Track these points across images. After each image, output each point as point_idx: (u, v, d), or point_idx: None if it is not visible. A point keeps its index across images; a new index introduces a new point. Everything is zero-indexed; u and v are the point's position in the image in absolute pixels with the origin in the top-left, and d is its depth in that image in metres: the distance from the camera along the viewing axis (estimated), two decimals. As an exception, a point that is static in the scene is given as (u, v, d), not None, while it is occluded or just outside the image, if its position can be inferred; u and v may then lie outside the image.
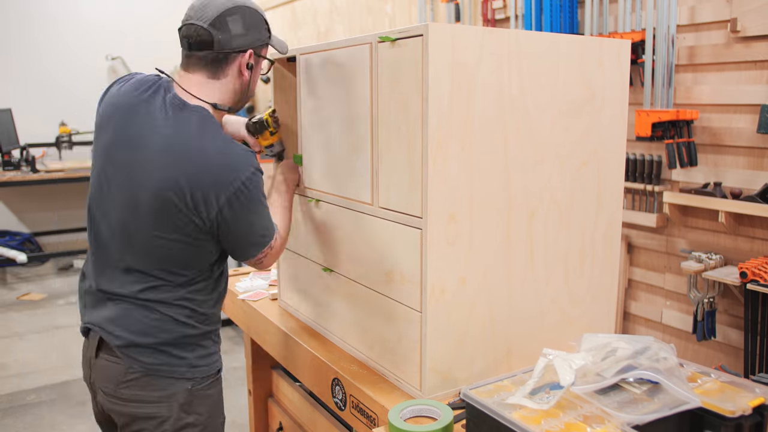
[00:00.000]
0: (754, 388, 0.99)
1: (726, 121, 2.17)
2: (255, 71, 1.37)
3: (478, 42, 1.14)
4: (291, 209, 1.53)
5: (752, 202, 2.04)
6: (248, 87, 1.36)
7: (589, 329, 1.39)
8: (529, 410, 0.94)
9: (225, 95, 1.33)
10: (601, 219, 1.38)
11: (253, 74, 1.36)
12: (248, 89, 1.37)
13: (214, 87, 1.31)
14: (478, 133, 1.17)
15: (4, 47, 5.32)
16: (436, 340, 1.19)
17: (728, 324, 2.24)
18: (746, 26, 2.05)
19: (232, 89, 1.33)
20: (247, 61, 1.32)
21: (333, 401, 1.38)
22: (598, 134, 1.34)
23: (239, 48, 1.29)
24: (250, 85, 1.37)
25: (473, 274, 1.21)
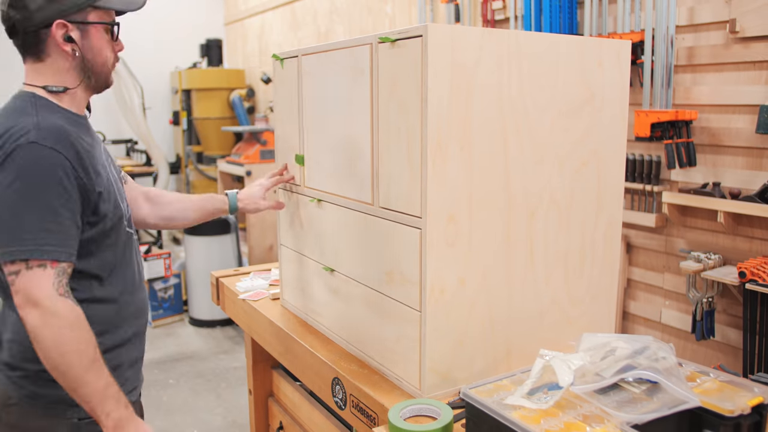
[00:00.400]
0: (753, 387, 0.99)
1: (725, 122, 2.18)
2: (88, 40, 1.21)
3: (477, 42, 1.14)
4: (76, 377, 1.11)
5: (751, 202, 2.04)
6: (86, 60, 1.21)
7: (589, 329, 1.39)
8: (529, 410, 0.95)
9: (56, 76, 1.21)
10: (601, 219, 1.38)
11: (86, 44, 1.21)
12: (88, 62, 1.22)
13: (40, 70, 1.22)
14: (477, 133, 1.17)
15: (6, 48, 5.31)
16: (435, 340, 1.19)
17: (727, 323, 2.24)
18: (745, 27, 2.05)
19: (64, 68, 1.21)
20: (62, 33, 1.18)
21: (333, 400, 1.39)
22: (598, 134, 1.34)
23: (44, 22, 1.16)
24: (87, 58, 1.21)
25: (473, 275, 1.21)
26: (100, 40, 1.23)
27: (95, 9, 1.21)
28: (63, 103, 1.23)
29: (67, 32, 1.18)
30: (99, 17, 1.22)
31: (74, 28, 1.19)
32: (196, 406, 3.24)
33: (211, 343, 4.07)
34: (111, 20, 1.26)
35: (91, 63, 1.23)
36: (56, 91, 1.21)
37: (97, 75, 1.25)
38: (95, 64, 1.24)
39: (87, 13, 1.20)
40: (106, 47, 1.25)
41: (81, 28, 1.20)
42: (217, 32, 6.22)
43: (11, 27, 1.20)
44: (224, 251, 4.34)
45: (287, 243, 1.72)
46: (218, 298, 2.05)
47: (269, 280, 2.00)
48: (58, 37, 1.18)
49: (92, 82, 1.26)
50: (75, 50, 1.20)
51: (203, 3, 6.19)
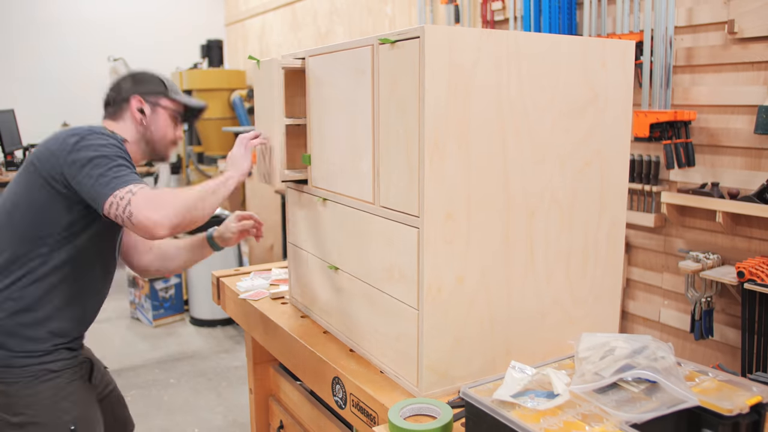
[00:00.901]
0: (752, 386, 0.99)
1: (723, 122, 2.18)
2: (154, 118, 1.61)
3: (475, 43, 1.15)
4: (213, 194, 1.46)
5: (749, 202, 2.05)
6: (149, 131, 1.61)
7: (592, 330, 1.39)
8: (528, 409, 0.95)
9: (122, 131, 1.59)
10: (604, 219, 1.39)
11: (150, 120, 1.60)
12: (151, 133, 1.61)
13: (112, 126, 1.59)
14: (475, 133, 1.18)
15: (7, 48, 5.34)
16: (432, 338, 1.20)
17: (726, 323, 2.25)
18: (743, 28, 2.06)
19: (130, 129, 1.60)
20: (137, 105, 1.59)
21: (333, 400, 1.40)
22: (601, 135, 1.34)
23: (127, 95, 1.59)
24: (151, 129, 1.61)
25: (471, 273, 1.22)
26: (164, 119, 1.63)
27: (166, 99, 1.64)
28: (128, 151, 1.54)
29: (140, 106, 1.60)
30: (167, 105, 1.64)
31: (147, 105, 1.61)
32: (197, 406, 3.25)
33: (211, 343, 4.08)
34: (177, 110, 1.66)
35: (153, 134, 1.62)
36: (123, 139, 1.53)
37: (155, 145, 1.64)
38: (156, 135, 1.63)
39: (159, 98, 1.63)
40: (169, 127, 1.65)
41: (152, 107, 1.62)
42: (218, 33, 6.23)
43: (107, 102, 1.63)
44: (225, 251, 4.32)
45: (295, 241, 1.73)
46: (219, 298, 2.06)
47: (269, 279, 2.00)
48: (133, 106, 1.60)
49: (149, 150, 1.64)
50: (142, 120, 1.60)
51: (204, 4, 6.20)
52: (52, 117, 5.32)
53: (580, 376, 1.02)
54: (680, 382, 0.98)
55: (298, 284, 1.74)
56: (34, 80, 5.37)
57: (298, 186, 1.68)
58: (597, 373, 1.01)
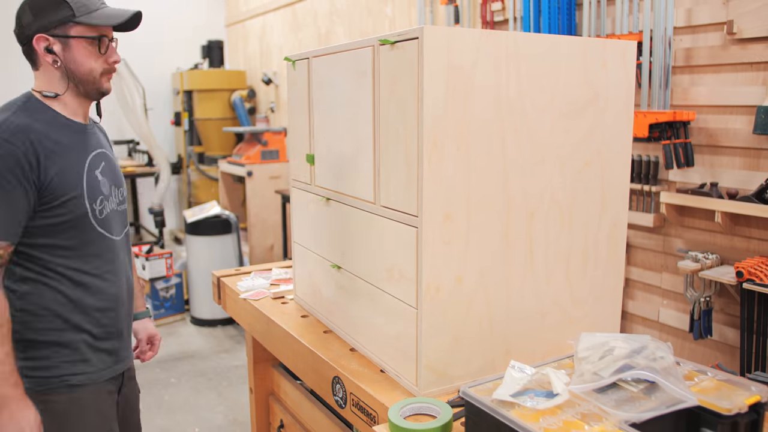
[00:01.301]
0: (751, 386, 1.00)
1: (722, 122, 2.19)
2: (69, 52, 1.36)
3: (474, 44, 1.16)
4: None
5: (748, 203, 2.05)
6: (69, 70, 1.36)
7: (592, 330, 1.39)
8: (528, 408, 0.96)
9: (49, 83, 1.39)
10: (605, 220, 1.39)
11: (68, 56, 1.35)
12: (72, 72, 1.37)
13: (38, 77, 1.41)
14: (474, 134, 1.19)
15: (8, 49, 5.34)
16: (431, 338, 1.21)
17: (724, 323, 2.26)
18: (742, 28, 2.06)
19: (53, 77, 1.38)
20: (43, 46, 1.35)
21: (333, 399, 1.40)
22: (601, 135, 1.34)
23: (30, 36, 1.35)
24: (71, 68, 1.36)
25: (470, 273, 1.23)
26: (82, 52, 1.37)
27: (77, 24, 1.35)
28: (56, 107, 1.39)
29: (48, 45, 1.35)
30: (81, 32, 1.36)
31: (56, 41, 1.35)
32: (198, 405, 3.26)
33: (212, 342, 4.08)
34: (95, 34, 1.38)
35: (75, 73, 1.38)
36: (48, 96, 1.39)
37: (84, 84, 1.39)
38: (79, 74, 1.38)
39: (68, 28, 1.35)
40: (90, 59, 1.38)
41: (63, 42, 1.35)
42: (219, 33, 6.23)
43: (17, 40, 1.41)
44: (225, 251, 4.35)
45: (299, 240, 1.74)
46: (219, 298, 2.07)
47: (270, 279, 2.01)
48: (40, 49, 1.36)
49: (81, 91, 1.40)
50: (57, 61, 1.36)
51: (204, 4, 6.20)
52: (53, 117, 5.33)
53: (579, 376, 1.02)
54: (679, 381, 0.98)
55: (303, 283, 1.75)
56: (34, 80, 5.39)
57: (303, 186, 1.68)
58: (596, 373, 1.02)
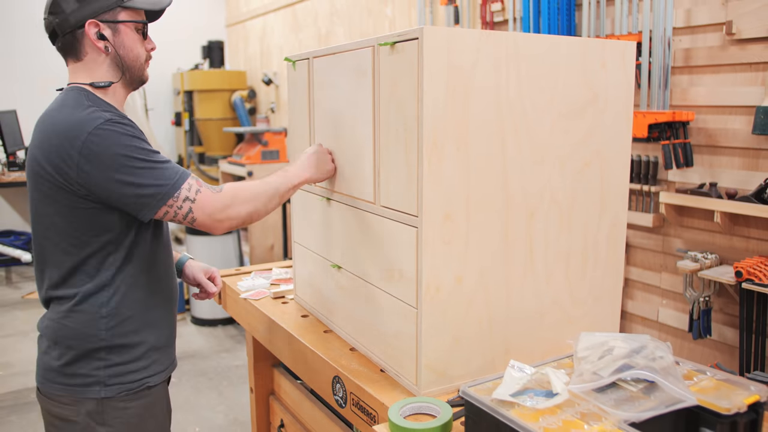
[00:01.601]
0: (750, 385, 1.01)
1: (721, 123, 2.19)
2: (119, 38, 1.30)
3: (474, 45, 1.16)
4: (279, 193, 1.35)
5: (747, 203, 2.06)
6: (119, 56, 1.31)
7: (591, 330, 1.40)
8: (528, 408, 0.96)
9: (96, 73, 1.31)
10: (604, 220, 1.39)
11: (118, 41, 1.30)
12: (122, 58, 1.31)
13: (82, 69, 1.31)
14: (474, 134, 1.19)
15: (9, 49, 5.36)
16: (431, 337, 1.21)
17: (724, 322, 2.26)
18: (741, 29, 2.07)
19: (101, 64, 1.31)
20: (94, 32, 1.28)
21: (334, 399, 1.41)
22: (601, 135, 1.35)
23: (78, 23, 1.27)
24: (120, 54, 1.31)
25: (470, 273, 1.23)
26: (131, 37, 1.32)
27: (124, 9, 1.31)
28: (108, 98, 1.32)
29: (99, 30, 1.28)
30: (129, 16, 1.32)
31: (106, 27, 1.29)
32: (198, 404, 3.26)
33: (212, 342, 4.09)
34: (141, 19, 1.35)
35: (125, 59, 1.32)
36: (102, 86, 1.31)
37: (131, 70, 1.35)
38: (128, 60, 1.33)
39: (117, 13, 1.30)
40: (138, 44, 1.34)
41: (112, 27, 1.30)
42: (219, 34, 6.24)
43: (52, 32, 1.32)
44: (226, 251, 4.36)
45: (300, 240, 1.75)
46: (220, 298, 2.07)
47: (270, 279, 2.02)
48: (92, 35, 1.28)
49: (128, 78, 1.35)
50: (108, 47, 1.30)
51: (205, 5, 6.21)
52: (54, 117, 5.34)
53: (578, 376, 1.03)
54: (678, 381, 0.99)
55: (303, 283, 1.75)
56: (36, 81, 5.39)
57: (303, 185, 1.69)
58: (595, 372, 1.02)
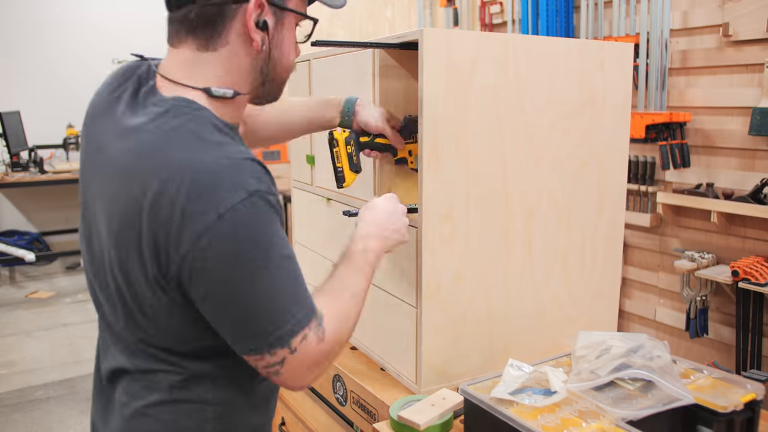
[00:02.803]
0: (746, 384, 1.01)
1: (718, 123, 2.21)
2: (279, 33, 0.86)
3: (473, 46, 1.17)
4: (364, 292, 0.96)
5: (744, 203, 2.07)
6: (269, 60, 0.86)
7: (589, 329, 1.40)
8: (526, 406, 0.97)
9: (227, 74, 0.84)
10: (602, 220, 1.40)
11: (275, 39, 0.86)
12: (270, 63, 0.86)
13: (206, 63, 0.83)
14: (474, 134, 1.20)
15: (13, 51, 5.37)
16: (431, 336, 1.22)
17: (720, 321, 2.28)
18: (738, 31, 2.09)
19: (239, 64, 0.84)
20: (254, 15, 0.82)
21: (334, 397, 1.42)
22: (599, 136, 1.36)
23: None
24: (272, 57, 0.86)
25: (469, 272, 1.24)
26: (291, 35, 0.89)
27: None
28: (224, 115, 0.85)
29: (262, 14, 0.83)
30: (297, 5, 0.88)
31: (270, 12, 0.84)
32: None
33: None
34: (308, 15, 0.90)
35: (276, 64, 0.88)
36: (222, 96, 0.84)
37: (276, 81, 0.90)
38: (279, 68, 0.89)
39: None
40: (293, 48, 0.90)
41: (277, 15, 0.85)
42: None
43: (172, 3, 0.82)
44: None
45: (300, 240, 1.76)
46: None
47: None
48: (250, 19, 0.82)
49: (264, 90, 0.90)
50: (264, 42, 0.84)
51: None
52: (58, 118, 5.38)
53: (576, 374, 1.04)
54: (675, 380, 1.00)
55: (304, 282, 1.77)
56: (39, 82, 5.42)
57: (304, 186, 1.70)
58: (593, 371, 1.03)
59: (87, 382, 3.20)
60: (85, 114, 0.91)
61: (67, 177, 4.80)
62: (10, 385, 3.22)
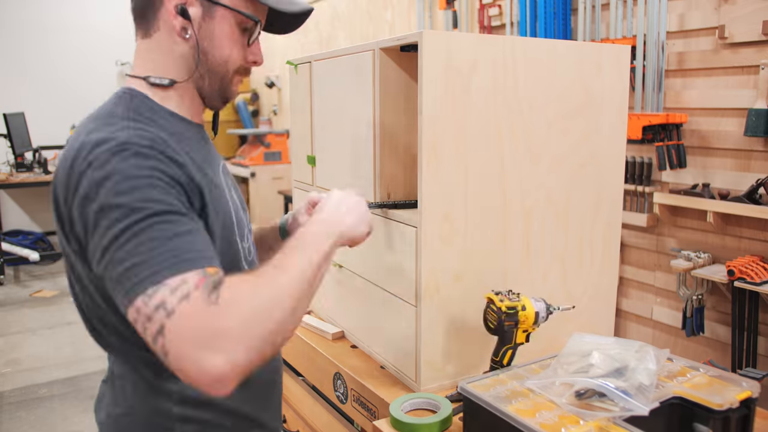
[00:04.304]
0: (741, 382, 1.02)
1: (714, 125, 2.23)
2: (208, 25, 0.88)
3: (472, 48, 1.18)
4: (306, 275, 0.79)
5: (739, 203, 2.09)
6: (200, 48, 0.88)
7: (587, 328, 1.42)
8: (525, 403, 0.97)
9: (163, 63, 0.88)
10: (599, 220, 1.41)
11: (206, 28, 0.88)
12: (204, 52, 0.88)
13: (147, 51, 0.89)
14: (472, 135, 1.21)
15: (18, 53, 5.39)
16: (430, 335, 1.23)
17: (716, 320, 2.30)
18: (733, 33, 2.11)
19: (170, 51, 0.88)
20: (176, 3, 0.85)
21: (335, 395, 1.43)
22: (596, 137, 1.37)
23: None
24: (203, 45, 0.88)
25: (468, 272, 1.25)
26: (226, 32, 0.89)
27: None
28: (168, 103, 0.90)
29: (183, 3, 0.86)
30: (236, 3, 0.89)
31: (197, 2, 0.87)
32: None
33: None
34: (252, 14, 0.90)
35: (206, 56, 0.89)
36: (159, 84, 0.89)
37: (212, 75, 0.91)
38: (211, 59, 0.89)
39: None
40: (233, 45, 0.90)
41: (206, 7, 0.87)
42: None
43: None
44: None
45: None
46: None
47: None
48: (170, 6, 0.86)
49: (205, 84, 0.91)
50: (188, 30, 0.87)
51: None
52: (61, 119, 5.41)
53: (546, 376, 1.03)
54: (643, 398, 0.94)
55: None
56: (43, 84, 5.44)
57: (304, 186, 1.72)
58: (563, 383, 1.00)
59: (90, 380, 3.22)
60: None
61: (71, 177, 4.86)
62: (15, 382, 3.24)
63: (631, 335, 2.59)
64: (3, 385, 3.21)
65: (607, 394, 0.95)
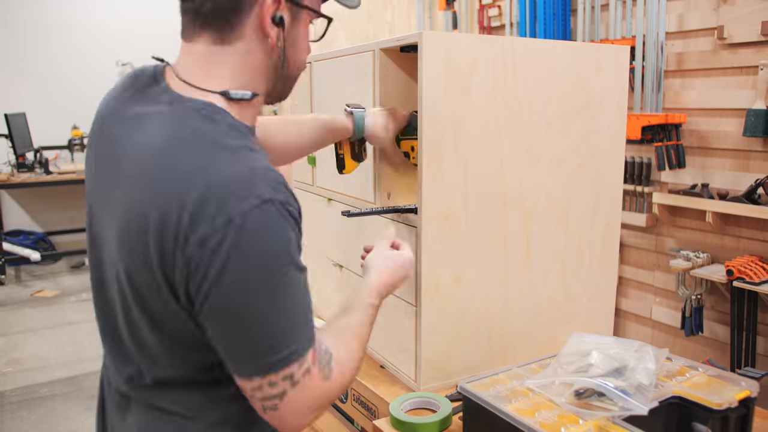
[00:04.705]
0: (740, 381, 1.02)
1: (713, 125, 2.23)
2: (295, 30, 0.82)
3: (472, 49, 1.18)
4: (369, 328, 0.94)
5: (738, 203, 2.10)
6: (284, 57, 0.82)
7: (586, 327, 1.42)
8: (524, 403, 0.97)
9: (243, 73, 0.80)
10: (599, 220, 1.42)
11: (290, 36, 0.82)
12: (284, 61, 0.82)
13: (222, 60, 0.79)
14: (472, 135, 1.21)
15: (19, 53, 5.40)
16: (430, 334, 1.23)
17: (715, 320, 2.30)
18: (732, 33, 2.11)
19: (254, 61, 0.80)
20: (273, 10, 0.78)
21: (335, 395, 1.43)
22: (596, 137, 1.37)
23: None
24: (286, 55, 0.82)
25: (468, 272, 1.25)
26: (304, 32, 0.85)
27: None
28: (245, 119, 0.81)
29: (278, 10, 0.79)
30: (313, 3, 0.85)
31: (286, 8, 0.80)
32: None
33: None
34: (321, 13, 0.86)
35: (289, 61, 0.84)
36: (241, 98, 0.80)
37: (287, 79, 0.86)
38: (292, 64, 0.85)
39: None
40: (306, 46, 0.86)
41: (293, 11, 0.81)
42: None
43: None
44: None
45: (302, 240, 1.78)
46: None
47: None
48: (267, 14, 0.78)
49: (276, 89, 0.86)
50: (279, 39, 0.80)
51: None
52: (63, 120, 5.42)
53: (546, 375, 1.04)
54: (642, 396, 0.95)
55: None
56: (45, 84, 5.45)
57: (305, 186, 1.72)
58: (563, 382, 1.01)
59: (91, 379, 3.22)
60: (95, 115, 0.88)
61: (72, 177, 4.86)
62: (16, 382, 3.24)
63: (630, 335, 2.60)
64: (4, 384, 3.22)
65: (606, 393, 0.96)
